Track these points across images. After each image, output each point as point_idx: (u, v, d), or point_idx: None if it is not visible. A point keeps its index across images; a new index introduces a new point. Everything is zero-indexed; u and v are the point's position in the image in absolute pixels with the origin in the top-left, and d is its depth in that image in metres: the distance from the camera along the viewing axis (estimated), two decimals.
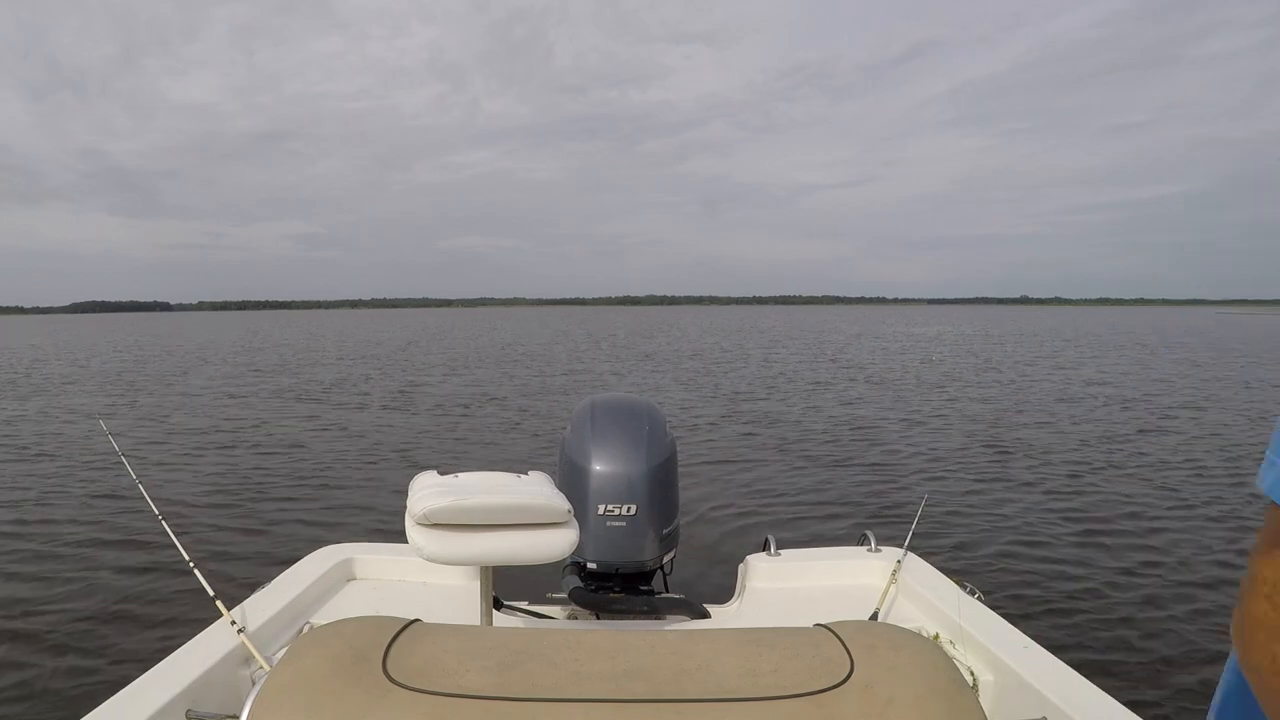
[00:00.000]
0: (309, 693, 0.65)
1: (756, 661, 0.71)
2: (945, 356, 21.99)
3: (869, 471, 6.76)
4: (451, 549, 1.30)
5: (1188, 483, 6.36)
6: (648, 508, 1.88)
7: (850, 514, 5.36)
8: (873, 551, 2.10)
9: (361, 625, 0.76)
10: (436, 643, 0.74)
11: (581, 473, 1.90)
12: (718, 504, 5.53)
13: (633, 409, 2.08)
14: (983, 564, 4.30)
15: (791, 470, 6.77)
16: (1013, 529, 4.99)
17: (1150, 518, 5.29)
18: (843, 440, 8.33)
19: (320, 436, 8.46)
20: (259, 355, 22.92)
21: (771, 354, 23.41)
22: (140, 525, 4.81)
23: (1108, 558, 4.42)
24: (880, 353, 23.82)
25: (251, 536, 4.76)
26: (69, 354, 23.66)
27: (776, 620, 1.81)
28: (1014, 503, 5.67)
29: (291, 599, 1.74)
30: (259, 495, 5.79)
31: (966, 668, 1.54)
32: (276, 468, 6.79)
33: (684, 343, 30.07)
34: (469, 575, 1.98)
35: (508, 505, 1.33)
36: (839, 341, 30.56)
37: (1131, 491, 6.05)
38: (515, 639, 0.76)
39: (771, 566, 2.07)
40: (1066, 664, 1.42)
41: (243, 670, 1.45)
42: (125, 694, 1.25)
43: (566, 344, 29.51)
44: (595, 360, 20.97)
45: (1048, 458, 7.36)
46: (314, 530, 4.87)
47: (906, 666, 0.69)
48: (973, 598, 1.77)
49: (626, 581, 1.93)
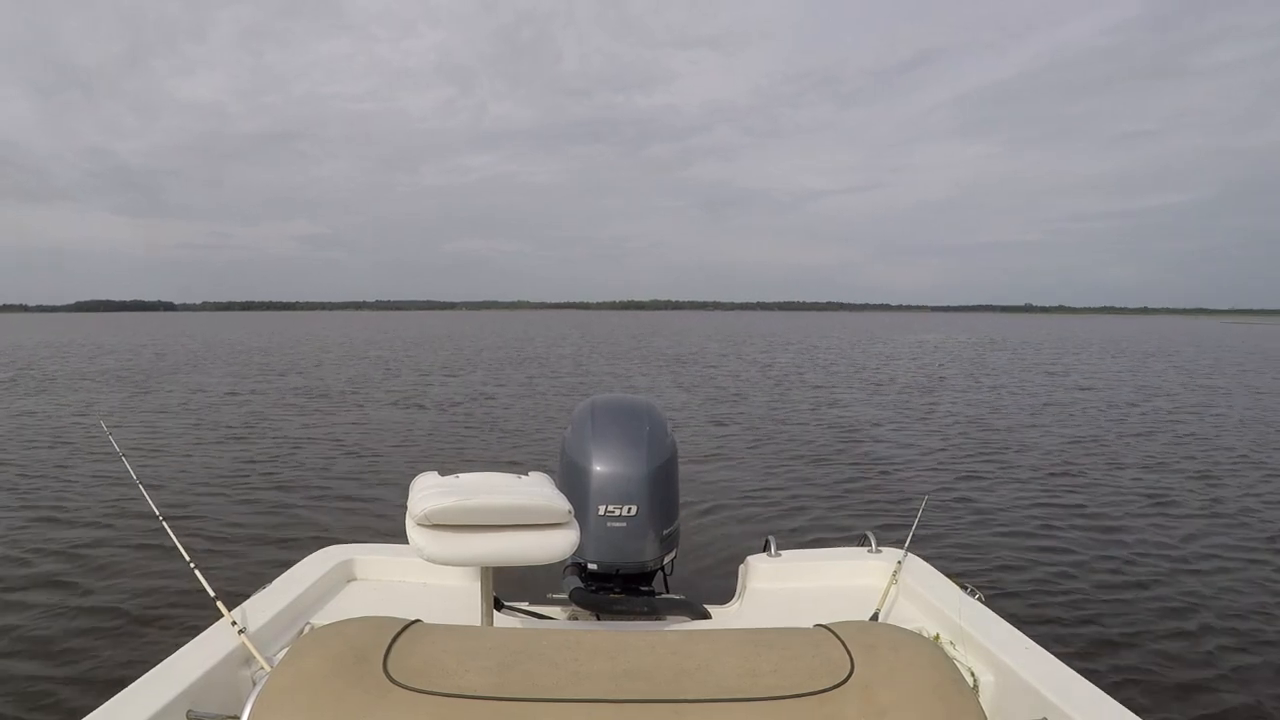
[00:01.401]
0: (310, 693, 0.65)
1: (757, 662, 0.71)
2: (947, 362, 22.00)
3: (869, 472, 6.76)
4: (452, 549, 1.30)
5: (1189, 484, 6.36)
6: (648, 508, 1.88)
7: (851, 515, 5.35)
8: (873, 552, 2.10)
9: (362, 626, 0.76)
10: (437, 643, 0.74)
11: (582, 473, 1.90)
12: (718, 505, 5.53)
13: (633, 409, 2.08)
14: (983, 565, 4.30)
15: (792, 471, 6.77)
16: (1013, 530, 4.99)
17: (1151, 518, 5.28)
18: (843, 441, 8.33)
19: (321, 437, 8.46)
20: (260, 356, 22.93)
21: (774, 357, 23.42)
22: (140, 525, 4.81)
23: (1109, 559, 4.41)
24: (883, 357, 23.83)
25: (252, 537, 4.76)
26: (70, 353, 23.67)
27: (777, 621, 1.81)
28: (1015, 504, 5.66)
29: (292, 599, 1.74)
30: (260, 495, 5.79)
31: (967, 668, 1.53)
32: (277, 468, 6.79)
33: (684, 345, 30.07)
34: (469, 576, 1.98)
35: (508, 506, 1.33)
36: (841, 346, 30.56)
37: (1132, 493, 6.04)
38: (516, 639, 0.76)
39: (772, 567, 2.07)
40: (1067, 665, 1.42)
41: (243, 671, 1.45)
42: (126, 694, 1.25)
43: (568, 347, 29.51)
44: (595, 362, 20.98)
45: (1048, 459, 7.36)
46: (315, 531, 4.87)
47: (907, 667, 0.69)
48: (973, 598, 1.76)
49: (627, 582, 1.93)
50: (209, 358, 21.96)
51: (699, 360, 21.25)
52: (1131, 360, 22.22)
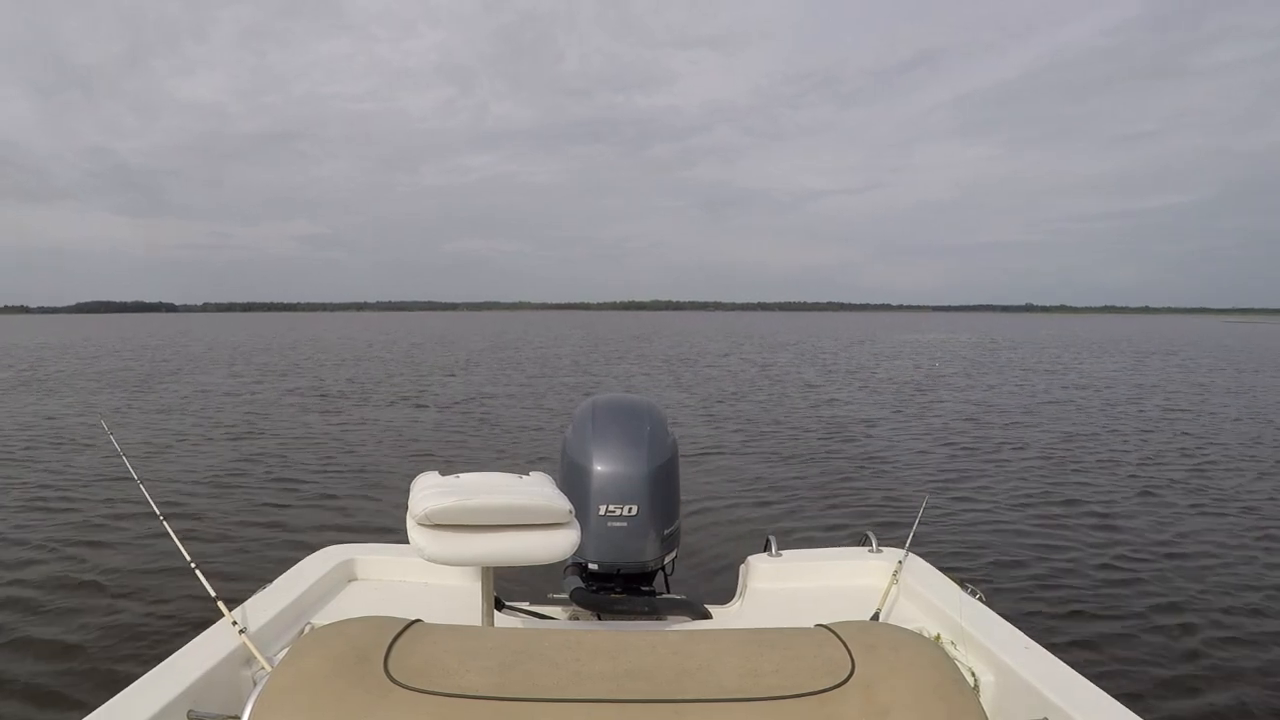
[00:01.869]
0: (311, 693, 0.65)
1: (758, 662, 0.71)
2: (947, 361, 21.99)
3: (870, 472, 6.76)
4: (453, 549, 1.30)
5: (1190, 483, 6.35)
6: (649, 508, 1.87)
7: (851, 514, 5.36)
8: (874, 552, 2.10)
9: (363, 626, 0.76)
10: (438, 643, 0.74)
11: (583, 473, 1.90)
12: (719, 504, 5.53)
13: (634, 409, 2.07)
14: (984, 564, 4.30)
15: (792, 471, 6.77)
16: (1014, 530, 4.99)
17: (1152, 518, 5.28)
18: (843, 441, 8.33)
19: (322, 437, 8.46)
20: (261, 356, 22.94)
21: (774, 357, 23.41)
22: (141, 525, 4.82)
23: (1109, 558, 4.41)
24: (883, 357, 23.82)
25: (253, 536, 4.76)
26: (72, 353, 23.68)
27: (778, 621, 1.81)
28: (1015, 503, 5.66)
29: (293, 599, 1.74)
30: (260, 495, 5.79)
31: (967, 668, 1.53)
32: (278, 468, 6.79)
33: (685, 346, 30.07)
34: (470, 576, 1.98)
35: (509, 506, 1.33)
36: (842, 346, 30.55)
37: (1133, 491, 6.04)
38: (516, 639, 0.76)
39: (773, 567, 2.07)
40: (1068, 664, 1.42)
41: (244, 670, 1.45)
42: (126, 694, 1.25)
43: (568, 347, 29.51)
44: (595, 363, 20.97)
45: (1049, 458, 7.36)
46: (315, 530, 4.87)
47: (907, 667, 0.69)
48: (974, 598, 1.76)
49: (628, 582, 1.92)
50: (210, 358, 21.97)
51: (699, 360, 21.25)
52: (1132, 359, 22.22)
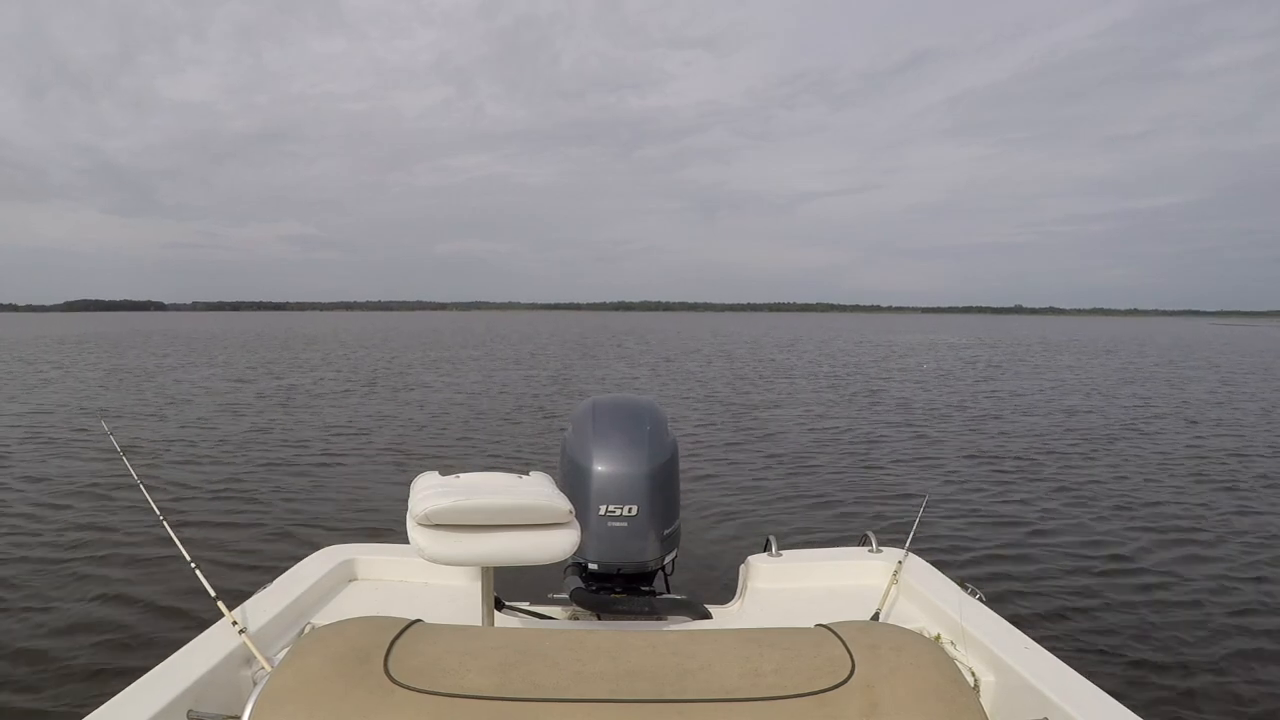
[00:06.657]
0: (311, 693, 0.65)
1: (758, 662, 0.71)
2: (945, 361, 22.00)
3: (870, 472, 6.75)
4: (453, 549, 1.30)
5: (1188, 484, 6.35)
6: (649, 508, 1.87)
7: (851, 515, 5.35)
8: (874, 552, 2.10)
9: (363, 626, 0.76)
10: (438, 643, 0.74)
11: (583, 473, 1.90)
12: (719, 504, 5.53)
13: (634, 409, 2.07)
14: (984, 565, 4.29)
15: (793, 471, 6.76)
16: (1014, 530, 4.98)
17: (1151, 518, 5.28)
18: (843, 441, 8.33)
19: (322, 437, 8.46)
20: (261, 356, 22.93)
21: (774, 357, 23.41)
22: (141, 525, 4.81)
23: (1109, 558, 4.41)
24: (881, 357, 23.82)
25: (253, 536, 4.76)
26: (69, 352, 23.68)
27: (778, 621, 1.81)
28: (1015, 503, 5.66)
29: (293, 599, 1.74)
30: (261, 495, 5.79)
31: (967, 668, 1.53)
32: (278, 468, 6.78)
33: (684, 346, 30.07)
34: (470, 576, 1.98)
35: (509, 506, 1.33)
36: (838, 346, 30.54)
37: (1132, 490, 6.04)
38: (517, 639, 0.76)
39: (773, 567, 2.07)
40: (1067, 664, 1.42)
41: (244, 670, 1.45)
42: (126, 694, 1.25)
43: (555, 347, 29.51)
44: (595, 364, 20.97)
45: (1048, 459, 7.36)
46: (315, 530, 4.87)
47: (908, 667, 0.69)
48: (974, 598, 1.76)
49: (628, 582, 1.92)
50: (209, 358, 21.96)
51: (696, 360, 21.25)
52: (1124, 359, 22.23)
